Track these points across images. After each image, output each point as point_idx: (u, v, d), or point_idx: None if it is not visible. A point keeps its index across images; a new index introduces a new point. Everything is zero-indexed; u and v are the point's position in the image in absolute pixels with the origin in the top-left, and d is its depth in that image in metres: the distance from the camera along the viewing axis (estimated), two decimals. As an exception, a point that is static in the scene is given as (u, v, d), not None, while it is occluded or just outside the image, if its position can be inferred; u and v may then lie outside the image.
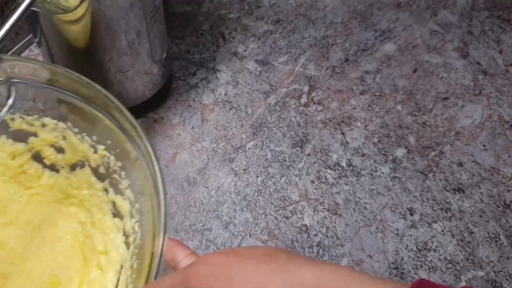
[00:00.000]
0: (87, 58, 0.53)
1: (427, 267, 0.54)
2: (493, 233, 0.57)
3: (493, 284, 0.54)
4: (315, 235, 0.55)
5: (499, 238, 0.57)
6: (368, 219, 0.57)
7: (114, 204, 0.48)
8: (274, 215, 0.56)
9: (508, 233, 0.57)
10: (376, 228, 0.56)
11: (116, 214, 0.48)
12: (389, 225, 0.57)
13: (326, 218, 0.57)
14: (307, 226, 0.56)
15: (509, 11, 0.74)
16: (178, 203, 0.57)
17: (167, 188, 0.56)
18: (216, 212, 0.56)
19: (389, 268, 0.54)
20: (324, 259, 0.54)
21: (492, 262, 0.55)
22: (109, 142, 0.46)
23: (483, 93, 0.66)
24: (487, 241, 0.56)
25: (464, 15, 0.73)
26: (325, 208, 0.57)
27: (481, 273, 0.54)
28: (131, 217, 0.45)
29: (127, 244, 0.46)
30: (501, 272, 0.55)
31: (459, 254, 0.55)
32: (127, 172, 0.45)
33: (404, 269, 0.54)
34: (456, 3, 0.75)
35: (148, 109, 0.63)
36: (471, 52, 0.70)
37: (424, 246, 0.56)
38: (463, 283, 0.54)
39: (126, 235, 0.46)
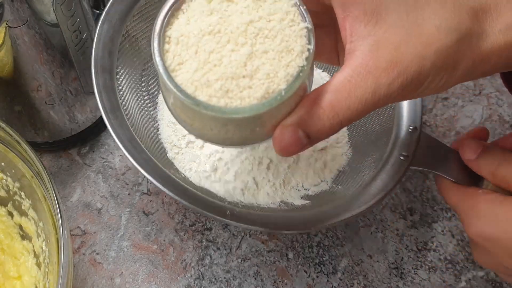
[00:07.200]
0: (9, 88, 0.52)
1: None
2: (493, 233, 0.57)
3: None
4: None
5: (499, 238, 0.57)
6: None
7: (20, 226, 0.48)
8: (274, 215, 0.56)
9: (508, 233, 0.57)
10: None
11: (24, 236, 0.48)
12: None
13: (326, 218, 0.57)
14: (307, 226, 0.56)
15: (509, 12, 0.74)
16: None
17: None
18: (216, 212, 0.56)
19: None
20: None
21: (492, 262, 0.55)
22: (2, 164, 0.45)
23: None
24: (487, 241, 0.56)
25: (464, 15, 0.73)
26: (325, 208, 0.57)
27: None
28: (38, 236, 0.45)
29: (39, 265, 0.46)
30: (501, 272, 0.55)
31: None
32: (26, 192, 0.45)
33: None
34: (456, 4, 0.75)
35: (84, 140, 0.60)
36: (471, 52, 0.70)
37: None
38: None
39: (36, 256, 0.46)
